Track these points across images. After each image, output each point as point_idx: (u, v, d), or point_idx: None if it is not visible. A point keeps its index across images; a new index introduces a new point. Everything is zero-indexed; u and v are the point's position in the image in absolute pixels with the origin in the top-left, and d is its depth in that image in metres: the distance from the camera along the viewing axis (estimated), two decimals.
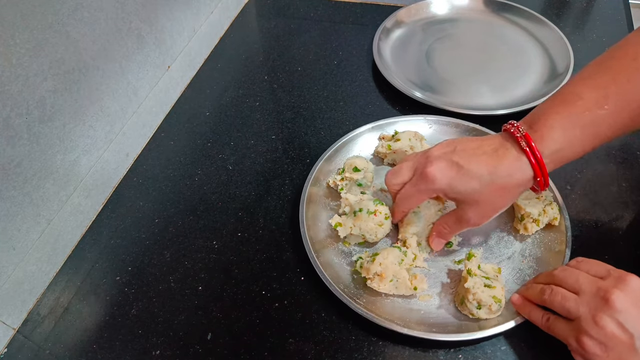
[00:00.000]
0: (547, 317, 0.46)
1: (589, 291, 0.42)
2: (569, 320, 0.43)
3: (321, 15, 0.96)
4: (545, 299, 0.45)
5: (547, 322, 0.45)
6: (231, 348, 0.51)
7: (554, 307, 0.45)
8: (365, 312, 0.50)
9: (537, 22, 0.86)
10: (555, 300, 0.44)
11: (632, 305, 0.40)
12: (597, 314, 0.40)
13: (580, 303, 0.42)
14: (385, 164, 0.66)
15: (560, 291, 0.44)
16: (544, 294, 0.46)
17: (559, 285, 0.45)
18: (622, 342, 0.39)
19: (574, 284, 0.44)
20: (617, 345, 0.39)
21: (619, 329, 0.39)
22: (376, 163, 0.67)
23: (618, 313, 0.39)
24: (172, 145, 0.74)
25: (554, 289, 0.45)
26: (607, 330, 0.39)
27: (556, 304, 0.44)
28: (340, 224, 0.57)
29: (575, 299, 0.43)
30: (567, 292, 0.44)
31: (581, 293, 0.43)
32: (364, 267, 0.53)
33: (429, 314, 0.52)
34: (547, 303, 0.46)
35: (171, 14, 0.75)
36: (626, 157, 0.65)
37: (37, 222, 0.56)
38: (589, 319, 0.41)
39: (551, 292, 0.45)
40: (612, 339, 0.40)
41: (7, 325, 0.54)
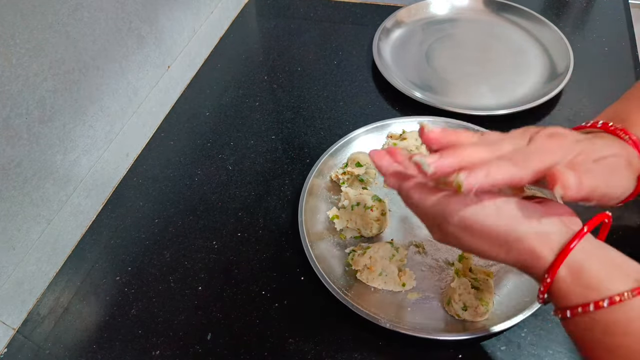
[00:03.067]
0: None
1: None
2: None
3: (321, 15, 0.96)
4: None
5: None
6: (231, 348, 0.51)
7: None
8: (351, 304, 0.50)
9: (537, 22, 0.86)
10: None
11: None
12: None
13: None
14: None
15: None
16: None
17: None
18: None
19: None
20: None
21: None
22: None
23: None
24: (172, 145, 0.74)
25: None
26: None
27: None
28: (337, 217, 0.59)
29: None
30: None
31: None
32: (355, 259, 0.54)
33: (416, 312, 0.52)
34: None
35: (171, 14, 0.75)
36: None
37: (37, 222, 0.56)
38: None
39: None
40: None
41: (7, 325, 0.54)
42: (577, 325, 0.33)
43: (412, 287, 0.54)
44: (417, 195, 0.37)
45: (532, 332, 0.50)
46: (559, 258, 0.33)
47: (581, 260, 0.33)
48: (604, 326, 0.31)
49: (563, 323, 0.35)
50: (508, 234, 0.34)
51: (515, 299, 0.51)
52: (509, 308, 0.50)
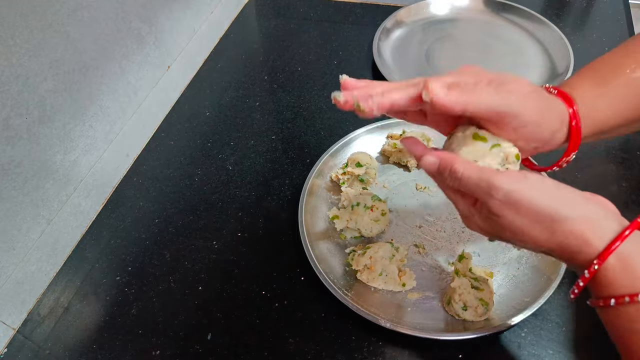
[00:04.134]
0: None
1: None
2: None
3: (321, 15, 0.96)
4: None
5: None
6: (231, 348, 0.51)
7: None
8: (351, 304, 0.50)
9: (537, 22, 0.86)
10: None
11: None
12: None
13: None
14: (390, 162, 0.67)
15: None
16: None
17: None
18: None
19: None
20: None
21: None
22: (382, 161, 0.67)
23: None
24: (172, 145, 0.74)
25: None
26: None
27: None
28: (337, 217, 0.59)
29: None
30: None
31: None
32: (355, 259, 0.54)
33: (416, 312, 0.52)
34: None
35: (171, 14, 0.75)
36: (626, 157, 0.65)
37: (37, 222, 0.56)
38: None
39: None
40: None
41: (7, 325, 0.54)
42: (620, 315, 0.33)
43: (412, 287, 0.54)
44: (461, 169, 0.36)
45: (532, 332, 0.50)
46: (609, 247, 0.32)
47: (630, 251, 0.32)
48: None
49: (603, 312, 0.34)
50: (556, 214, 0.33)
51: (515, 299, 0.51)
52: (509, 308, 0.50)
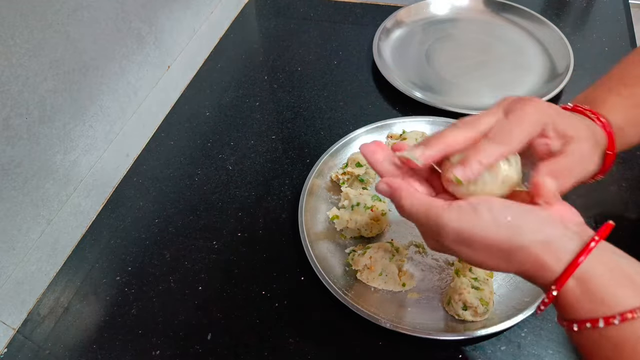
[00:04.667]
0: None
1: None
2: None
3: (321, 15, 0.96)
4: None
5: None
6: (231, 348, 0.51)
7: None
8: (351, 304, 0.50)
9: (537, 22, 0.86)
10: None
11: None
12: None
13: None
14: None
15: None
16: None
17: None
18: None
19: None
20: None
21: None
22: None
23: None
24: (172, 145, 0.74)
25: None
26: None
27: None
28: (337, 217, 0.59)
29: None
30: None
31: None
32: (355, 259, 0.54)
33: (416, 312, 0.52)
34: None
35: (171, 14, 0.75)
36: (626, 157, 0.65)
37: (37, 222, 0.56)
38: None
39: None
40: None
41: (7, 325, 0.54)
42: (585, 340, 0.31)
43: (412, 287, 0.54)
44: (408, 204, 0.36)
45: (532, 332, 0.50)
46: (567, 270, 0.31)
47: (591, 270, 0.30)
48: (615, 343, 0.30)
49: (568, 333, 0.33)
50: (509, 244, 0.32)
51: (515, 299, 0.51)
52: (509, 308, 0.50)
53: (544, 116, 0.36)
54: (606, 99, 0.42)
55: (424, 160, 0.35)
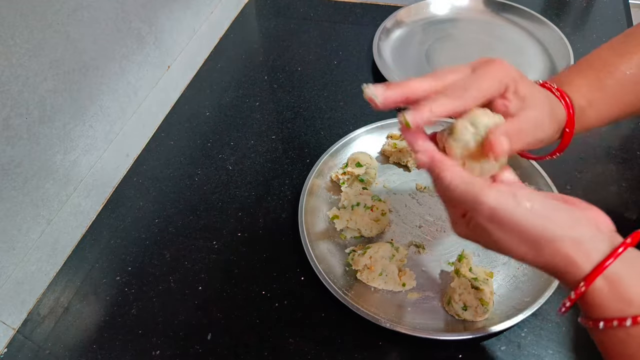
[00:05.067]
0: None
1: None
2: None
3: (321, 15, 0.96)
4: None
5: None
6: (231, 348, 0.51)
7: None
8: (351, 304, 0.50)
9: (537, 22, 0.86)
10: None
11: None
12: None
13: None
14: (390, 162, 0.67)
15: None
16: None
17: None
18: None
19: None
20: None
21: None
22: (382, 161, 0.67)
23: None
24: (172, 145, 0.74)
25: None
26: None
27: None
28: (337, 217, 0.59)
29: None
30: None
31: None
32: (355, 259, 0.54)
33: (416, 312, 0.52)
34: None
35: (171, 14, 0.75)
36: (626, 157, 0.65)
37: (37, 222, 0.56)
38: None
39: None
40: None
41: (7, 325, 0.54)
42: (610, 338, 0.32)
43: (412, 287, 0.54)
44: (449, 178, 0.36)
45: (532, 332, 0.50)
46: (597, 269, 0.31)
47: (619, 272, 0.31)
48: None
49: (593, 332, 0.33)
50: (542, 234, 0.33)
51: (515, 299, 0.51)
52: (509, 308, 0.50)
53: (506, 77, 0.37)
54: (573, 80, 0.44)
55: (384, 99, 0.37)
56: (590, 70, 0.44)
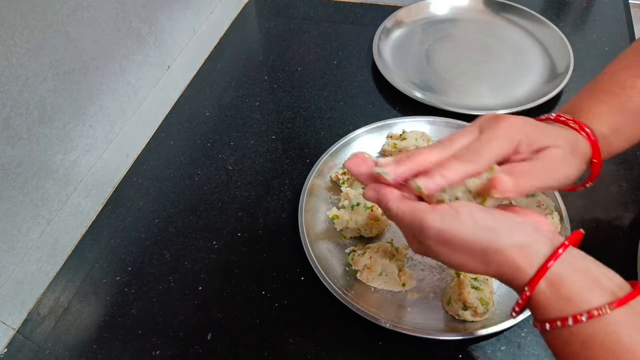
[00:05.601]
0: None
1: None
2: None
3: (321, 15, 0.96)
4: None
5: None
6: (231, 348, 0.51)
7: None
8: (351, 304, 0.50)
9: (537, 22, 0.86)
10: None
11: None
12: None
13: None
14: None
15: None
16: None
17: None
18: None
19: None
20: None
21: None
22: None
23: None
24: (172, 145, 0.74)
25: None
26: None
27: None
28: (337, 217, 0.59)
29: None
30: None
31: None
32: (355, 259, 0.54)
33: (416, 312, 0.52)
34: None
35: (171, 14, 0.75)
36: (626, 157, 0.65)
37: (37, 222, 0.56)
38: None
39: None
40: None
41: (7, 325, 0.54)
42: (556, 338, 0.33)
43: (412, 287, 0.54)
44: (394, 207, 0.37)
45: (532, 332, 0.50)
46: (539, 272, 0.33)
47: (560, 273, 0.32)
48: (582, 340, 0.31)
49: (542, 334, 0.35)
50: (487, 247, 0.34)
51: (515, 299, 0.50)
52: (509, 308, 0.50)
53: (516, 134, 0.38)
54: (592, 107, 0.43)
55: (394, 176, 0.38)
56: (608, 96, 0.44)
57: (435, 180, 0.36)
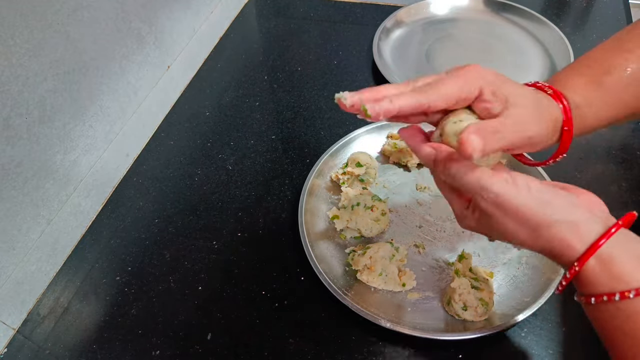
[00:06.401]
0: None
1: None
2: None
3: (321, 15, 0.96)
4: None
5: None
6: (231, 348, 0.51)
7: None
8: (351, 304, 0.50)
9: (537, 22, 0.86)
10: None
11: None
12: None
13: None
14: (390, 162, 0.67)
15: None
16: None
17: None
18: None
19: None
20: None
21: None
22: (382, 161, 0.67)
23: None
24: (172, 145, 0.74)
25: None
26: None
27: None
28: (338, 217, 0.59)
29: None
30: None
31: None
32: (355, 259, 0.54)
33: (416, 312, 0.52)
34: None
35: (171, 14, 0.75)
36: (626, 157, 0.65)
37: (37, 222, 0.56)
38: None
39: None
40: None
41: (7, 325, 0.54)
42: (601, 312, 0.34)
43: (412, 287, 0.54)
44: (455, 168, 0.37)
45: (532, 332, 0.50)
46: (590, 250, 0.33)
47: (610, 251, 0.33)
48: (627, 314, 0.33)
49: (587, 309, 0.36)
50: (540, 219, 0.35)
51: (515, 299, 0.51)
52: (509, 308, 0.50)
53: (478, 80, 0.38)
54: (569, 79, 0.44)
55: (351, 101, 0.37)
56: (587, 69, 0.44)
57: (382, 105, 0.36)
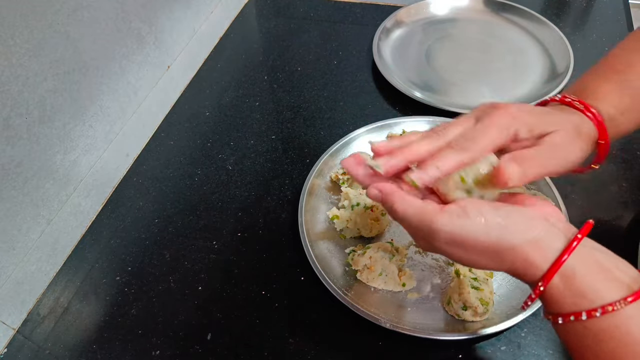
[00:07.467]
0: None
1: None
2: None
3: (321, 15, 0.96)
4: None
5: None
6: (231, 348, 0.51)
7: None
8: (351, 304, 0.50)
9: (537, 22, 0.86)
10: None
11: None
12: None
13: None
14: None
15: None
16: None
17: None
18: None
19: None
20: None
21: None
22: None
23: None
24: (172, 145, 0.74)
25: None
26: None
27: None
28: (337, 217, 0.59)
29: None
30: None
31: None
32: (355, 259, 0.54)
33: (416, 312, 0.52)
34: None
35: (171, 14, 0.75)
36: (626, 157, 0.65)
37: (37, 222, 0.56)
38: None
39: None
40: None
41: (7, 325, 0.54)
42: (569, 332, 0.33)
43: (412, 287, 0.54)
44: (401, 209, 0.36)
45: (532, 332, 0.50)
46: (553, 267, 0.32)
47: (574, 267, 0.32)
48: (595, 334, 0.31)
49: (555, 327, 0.34)
50: (500, 245, 0.33)
51: (515, 299, 0.51)
52: (509, 308, 0.50)
53: (513, 122, 0.37)
54: (597, 86, 0.42)
55: (386, 169, 0.37)
56: (614, 74, 0.43)
57: (429, 173, 0.35)
